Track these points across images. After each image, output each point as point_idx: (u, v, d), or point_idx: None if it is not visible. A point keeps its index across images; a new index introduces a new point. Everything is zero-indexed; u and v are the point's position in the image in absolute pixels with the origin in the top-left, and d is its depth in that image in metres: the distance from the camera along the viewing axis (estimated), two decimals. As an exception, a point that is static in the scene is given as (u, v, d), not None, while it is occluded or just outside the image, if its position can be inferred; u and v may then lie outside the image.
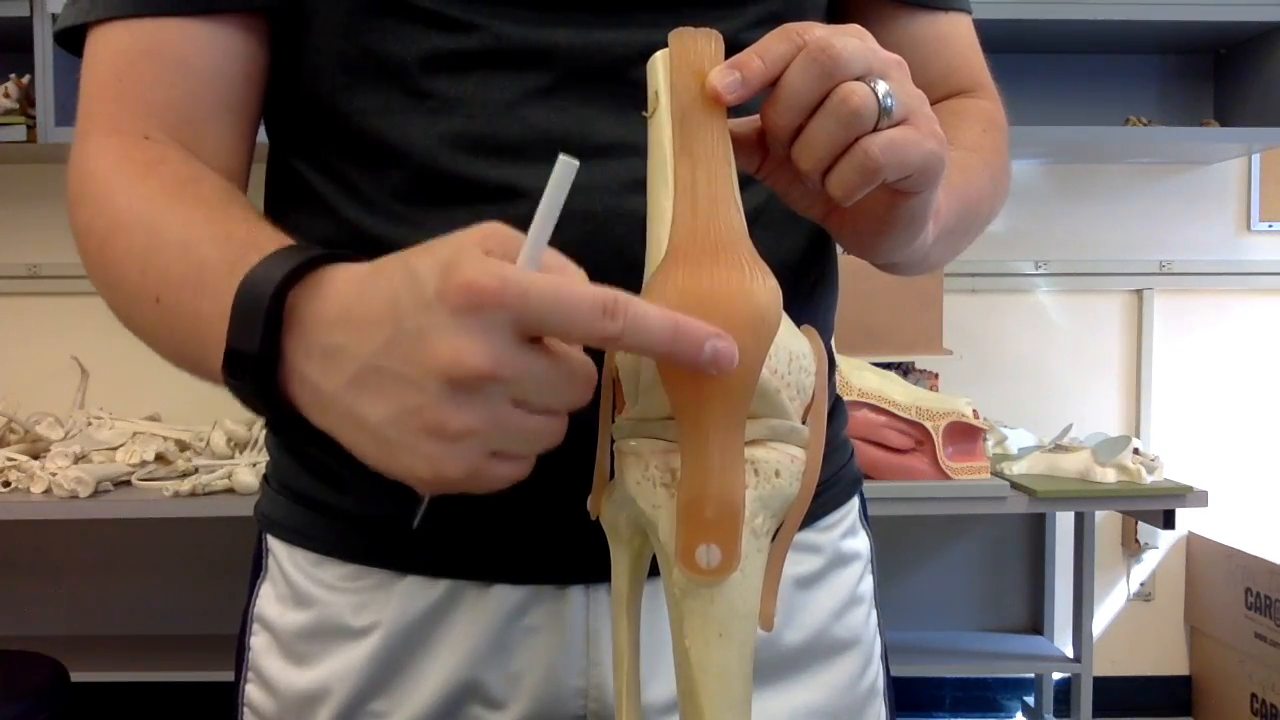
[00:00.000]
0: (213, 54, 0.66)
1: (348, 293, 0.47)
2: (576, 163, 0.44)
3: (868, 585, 0.79)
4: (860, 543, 0.79)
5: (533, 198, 0.63)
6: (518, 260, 0.45)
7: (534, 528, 0.67)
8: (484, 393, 0.43)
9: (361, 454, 0.47)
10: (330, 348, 0.47)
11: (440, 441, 0.44)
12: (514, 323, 0.43)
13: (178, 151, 0.64)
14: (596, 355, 0.56)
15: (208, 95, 0.66)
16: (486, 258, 0.43)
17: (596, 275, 0.63)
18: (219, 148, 0.67)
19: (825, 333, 0.75)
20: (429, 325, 0.43)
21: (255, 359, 0.49)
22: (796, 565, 0.73)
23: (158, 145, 0.64)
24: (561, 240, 0.63)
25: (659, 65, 0.52)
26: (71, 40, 0.69)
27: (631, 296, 0.44)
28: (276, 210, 0.73)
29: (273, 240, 0.53)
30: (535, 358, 0.44)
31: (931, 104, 0.54)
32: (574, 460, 0.55)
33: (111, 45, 0.66)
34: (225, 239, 0.55)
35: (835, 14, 0.75)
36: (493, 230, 0.45)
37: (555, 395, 0.46)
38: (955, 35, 0.79)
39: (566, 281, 0.43)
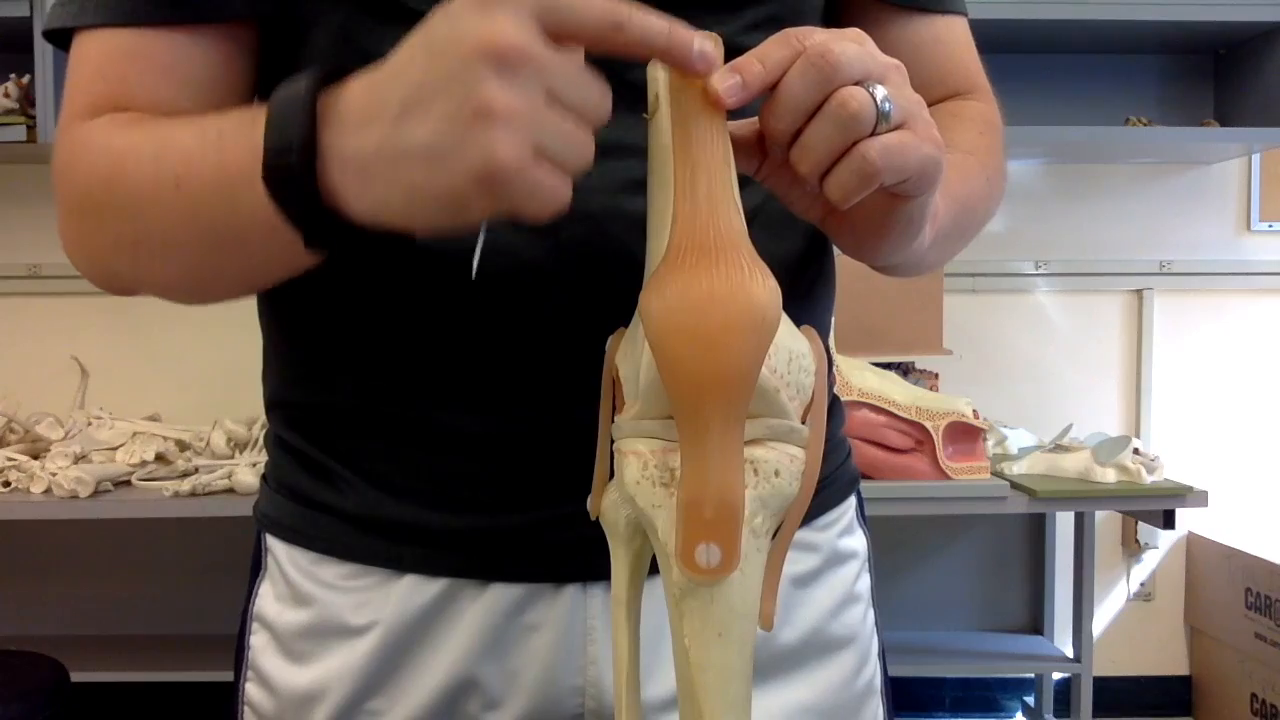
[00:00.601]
0: (196, 62, 0.66)
1: (379, 72, 0.50)
2: None
3: (865, 583, 0.79)
4: (857, 541, 0.79)
5: None
6: None
7: (532, 526, 0.67)
8: (522, 75, 0.45)
9: (413, 200, 0.49)
10: (366, 112, 0.49)
11: (489, 125, 0.45)
12: (538, 13, 0.45)
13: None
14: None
15: (189, 100, 0.66)
16: None
17: (596, 275, 0.63)
18: None
19: (823, 331, 0.75)
20: (459, 24, 0.46)
21: (296, 151, 0.50)
22: (794, 563, 0.73)
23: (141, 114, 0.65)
24: (560, 240, 0.64)
25: (659, 68, 0.52)
26: (60, 38, 0.69)
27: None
28: None
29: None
30: (559, 52, 0.46)
31: (928, 106, 0.54)
32: (572, 459, 0.55)
33: (97, 49, 0.66)
34: (238, 114, 0.56)
35: (831, 17, 0.75)
36: None
37: (583, 96, 0.47)
38: (951, 37, 0.79)
39: None
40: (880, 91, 0.50)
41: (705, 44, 0.49)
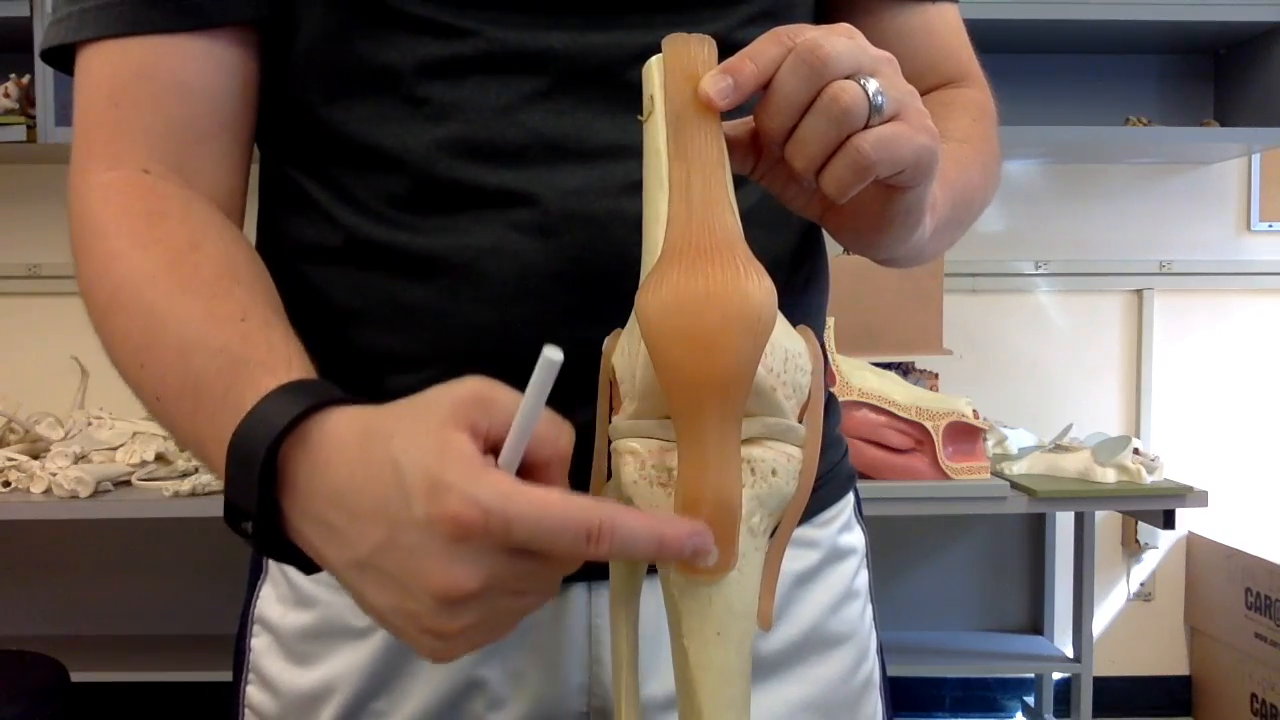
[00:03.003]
0: (208, 72, 0.65)
1: (339, 470, 0.49)
2: (559, 358, 0.44)
3: (863, 580, 0.79)
4: (856, 538, 0.79)
5: (530, 202, 0.64)
6: (500, 457, 0.46)
7: None
8: (478, 602, 0.46)
9: (367, 614, 0.51)
10: (328, 524, 0.49)
11: (438, 639, 0.47)
12: (501, 544, 0.45)
13: (177, 197, 0.64)
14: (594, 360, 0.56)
15: (205, 115, 0.66)
16: (470, 479, 0.44)
17: (597, 276, 0.64)
18: (217, 168, 0.67)
19: (818, 328, 0.76)
20: (420, 547, 0.45)
21: (255, 519, 0.50)
22: (794, 561, 0.73)
23: (157, 185, 0.64)
24: (561, 244, 0.64)
25: (653, 70, 0.52)
26: (58, 57, 0.68)
27: (615, 511, 0.45)
28: (271, 217, 0.73)
29: (263, 363, 0.54)
30: (525, 562, 0.46)
31: (921, 94, 0.54)
32: (577, 459, 0.55)
33: (105, 67, 0.65)
34: (220, 353, 0.55)
35: (823, 9, 0.76)
36: (477, 399, 0.47)
37: (547, 581, 0.48)
38: (942, 25, 0.79)
39: (551, 506, 0.44)
40: (872, 84, 0.50)
41: (700, 539, 0.46)
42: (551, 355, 0.44)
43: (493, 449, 0.46)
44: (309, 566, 0.52)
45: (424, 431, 0.46)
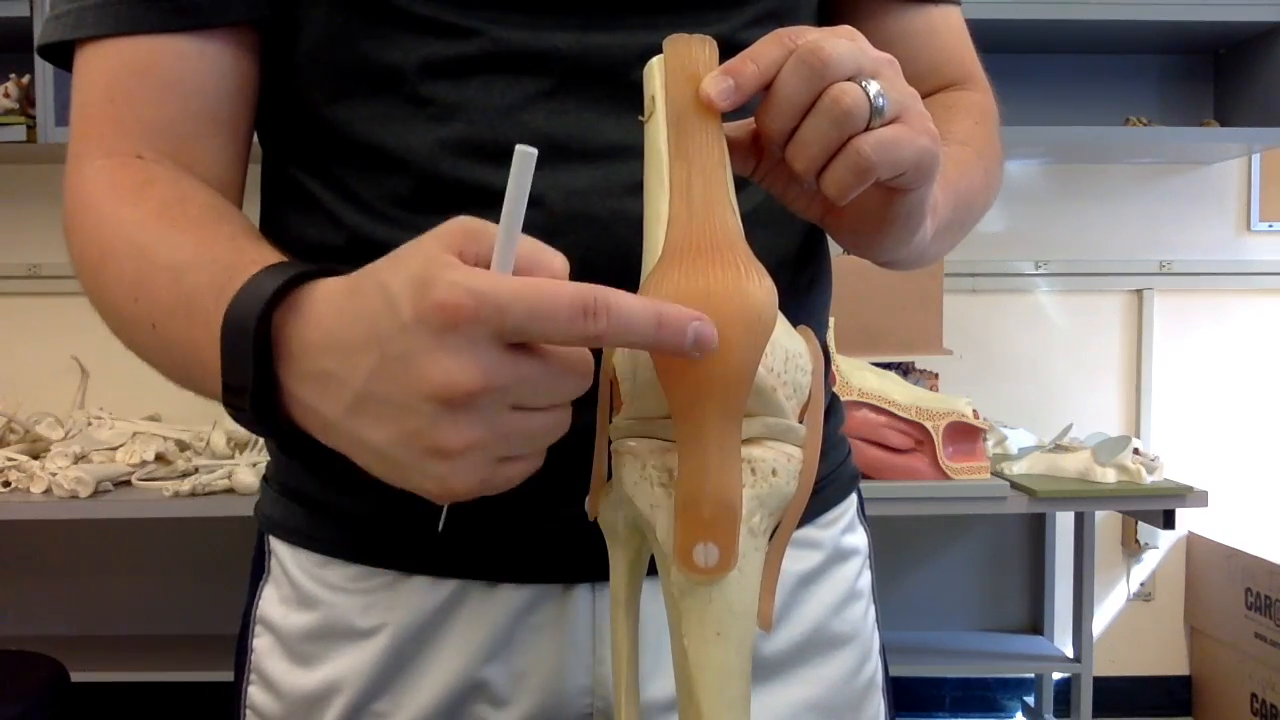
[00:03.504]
0: (205, 71, 0.66)
1: (329, 316, 0.48)
2: (534, 151, 0.43)
3: (866, 580, 0.79)
4: (859, 538, 0.79)
5: (534, 202, 0.64)
6: (491, 262, 0.44)
7: (540, 527, 0.67)
8: (480, 406, 0.44)
9: (372, 471, 0.48)
10: (322, 373, 0.48)
11: (445, 460, 0.44)
12: (495, 334, 0.43)
13: (168, 170, 0.64)
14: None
15: (201, 113, 0.66)
16: (457, 270, 0.43)
17: (601, 277, 0.63)
18: (214, 163, 0.67)
19: (820, 329, 0.76)
20: (412, 349, 0.43)
21: (251, 392, 0.49)
22: (797, 561, 0.73)
23: (148, 165, 0.64)
24: (565, 244, 0.63)
25: (655, 71, 0.52)
26: (56, 54, 0.68)
27: (610, 291, 0.43)
28: (273, 216, 0.73)
29: (255, 260, 0.53)
30: (525, 361, 0.44)
31: (923, 96, 0.54)
32: (581, 459, 0.55)
33: (102, 64, 0.65)
34: (211, 263, 0.55)
35: (826, 10, 0.76)
36: (463, 228, 0.45)
37: (552, 392, 0.46)
38: (945, 27, 0.79)
39: (542, 285, 0.43)
40: (873, 86, 0.50)
41: (702, 327, 0.44)
42: (525, 150, 0.43)
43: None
44: (303, 445, 0.51)
45: (409, 255, 0.45)
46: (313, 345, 0.48)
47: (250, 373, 0.49)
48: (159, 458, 2.25)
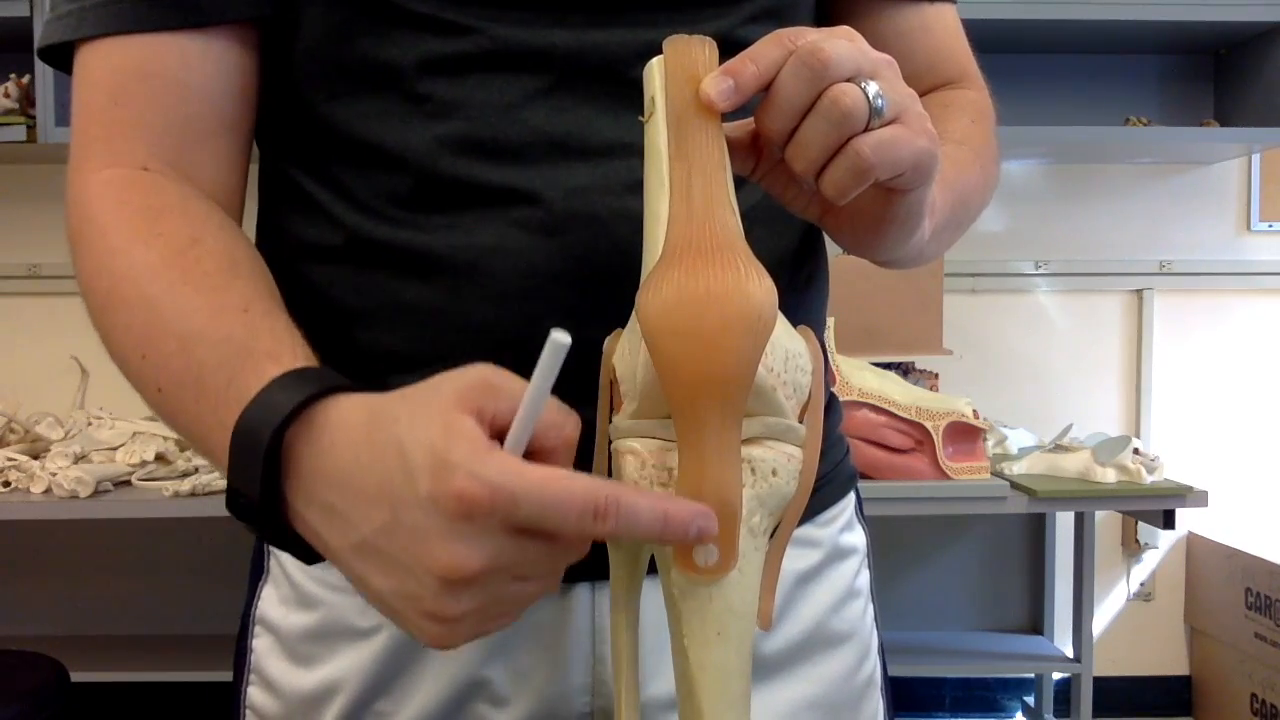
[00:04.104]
0: (208, 71, 0.65)
1: (344, 452, 0.48)
2: (567, 340, 0.44)
3: (864, 579, 0.79)
4: (857, 537, 0.80)
5: (534, 201, 0.64)
6: (506, 440, 0.46)
7: None
8: (481, 585, 0.45)
9: (368, 601, 0.50)
10: (331, 506, 0.49)
11: (440, 624, 0.46)
12: (506, 523, 0.44)
13: (175, 193, 0.63)
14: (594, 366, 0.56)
15: (205, 115, 0.66)
16: (475, 458, 0.44)
17: (602, 276, 0.63)
18: (217, 166, 0.67)
19: (818, 328, 0.76)
20: (425, 526, 0.45)
21: (257, 505, 0.50)
22: (796, 560, 0.73)
23: (155, 181, 0.64)
24: (565, 242, 0.64)
25: (654, 71, 0.52)
26: (56, 56, 0.68)
27: (620, 491, 0.44)
28: (272, 216, 0.72)
29: (268, 353, 0.54)
30: (531, 545, 0.45)
31: (919, 95, 0.54)
32: (581, 459, 0.55)
33: (104, 65, 0.65)
34: (223, 342, 0.55)
35: (822, 8, 0.76)
36: (485, 384, 0.46)
37: (551, 566, 0.47)
38: (940, 26, 0.80)
39: (556, 483, 0.44)
40: (872, 87, 0.50)
41: (704, 522, 0.46)
42: (559, 338, 0.44)
43: (498, 434, 0.46)
44: (310, 556, 0.52)
45: (430, 414, 0.46)
46: (323, 476, 0.49)
47: (258, 487, 0.50)
48: (159, 458, 2.25)
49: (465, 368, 0.48)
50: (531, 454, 0.47)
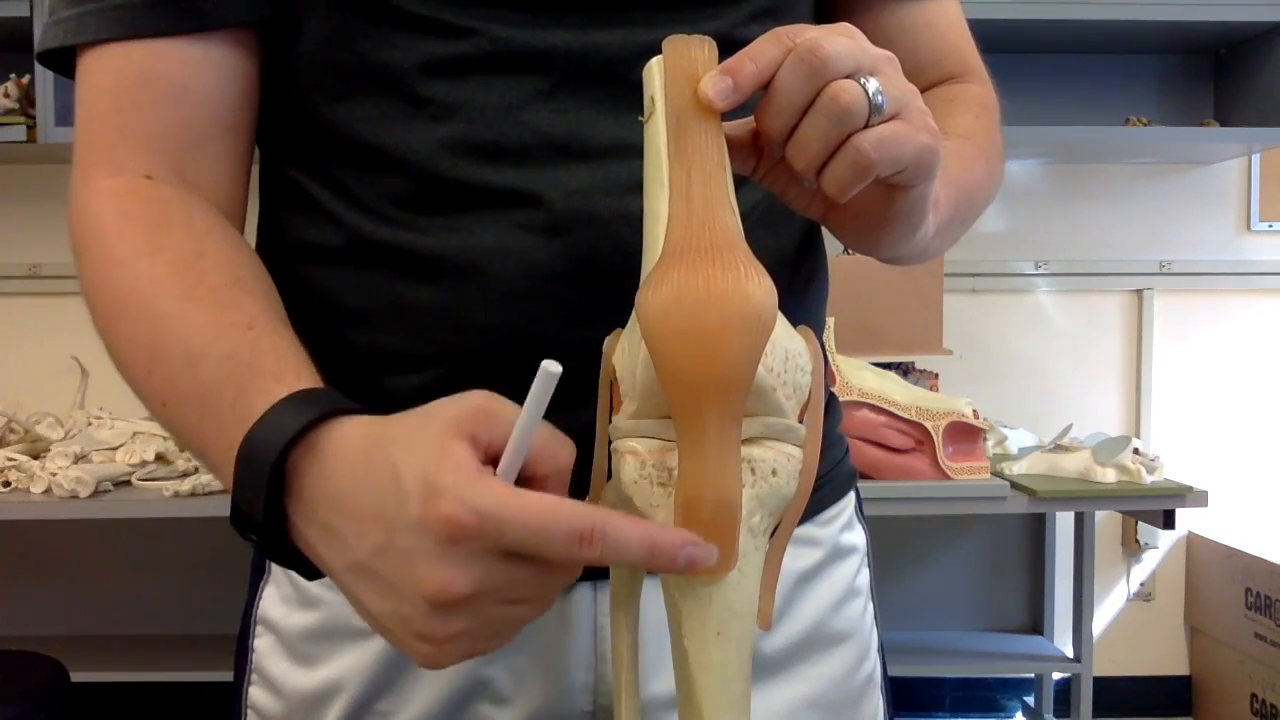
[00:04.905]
0: (210, 76, 0.65)
1: (344, 474, 0.49)
2: (558, 370, 0.45)
3: (864, 578, 0.79)
4: (857, 536, 0.80)
5: (535, 202, 0.64)
6: (498, 467, 0.46)
7: None
8: (469, 606, 0.46)
9: (363, 620, 0.51)
10: (329, 527, 0.49)
11: (431, 644, 0.47)
12: (494, 548, 0.45)
13: (179, 201, 0.64)
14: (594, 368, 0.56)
15: (206, 119, 0.66)
16: (464, 484, 0.45)
17: (604, 276, 0.63)
18: (219, 170, 0.67)
19: (818, 327, 0.76)
20: (415, 549, 0.45)
21: (261, 525, 0.51)
22: (796, 559, 0.73)
23: (159, 189, 0.64)
24: (567, 243, 0.64)
25: (654, 71, 0.52)
26: (55, 60, 0.68)
27: (608, 517, 0.45)
28: (273, 218, 0.72)
29: (272, 373, 0.54)
30: (520, 568, 0.46)
31: (922, 90, 0.54)
32: (583, 459, 0.55)
33: (106, 70, 0.65)
34: (228, 359, 0.56)
35: (823, 5, 0.76)
36: (480, 411, 0.47)
37: (541, 589, 0.48)
38: (942, 20, 0.79)
39: (543, 510, 0.44)
40: (872, 84, 0.50)
41: (694, 550, 0.46)
42: (550, 368, 0.45)
43: (493, 460, 0.47)
44: (311, 572, 0.53)
45: (424, 439, 0.47)
46: (324, 497, 0.50)
47: (261, 508, 0.50)
48: (159, 458, 2.25)
49: (463, 394, 0.48)
50: (525, 480, 0.48)
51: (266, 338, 0.57)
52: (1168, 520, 2.21)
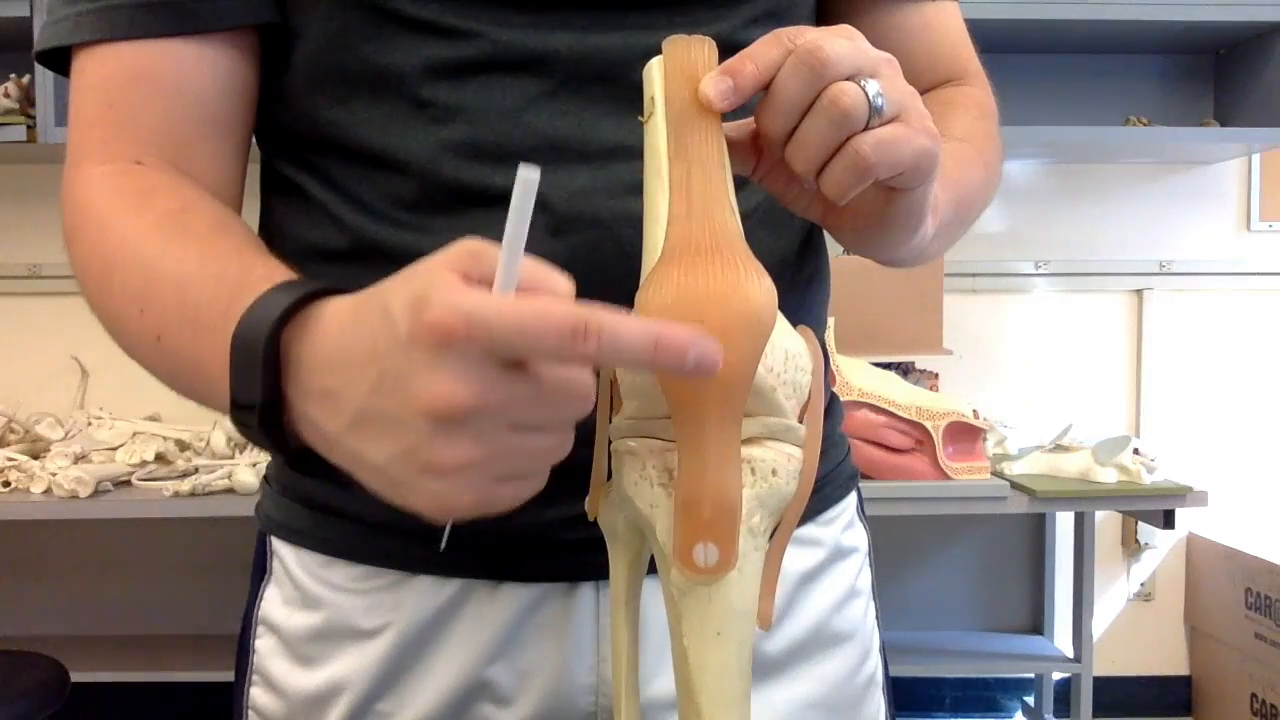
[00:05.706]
0: (204, 75, 0.65)
1: (335, 334, 0.48)
2: (536, 174, 0.43)
3: (866, 578, 0.80)
4: (858, 536, 0.80)
5: (538, 203, 0.64)
6: (494, 283, 0.44)
7: (545, 527, 0.67)
8: (474, 425, 0.43)
9: (373, 489, 0.48)
10: (326, 390, 0.48)
11: (440, 478, 0.44)
12: (487, 352, 0.43)
13: (169, 178, 0.64)
14: None
15: (200, 117, 0.66)
16: (453, 291, 0.43)
17: (604, 280, 0.63)
18: (212, 168, 0.67)
19: (818, 327, 0.76)
20: (407, 367, 0.43)
21: (259, 408, 0.50)
22: (798, 559, 0.73)
23: (149, 172, 0.64)
24: (569, 244, 0.64)
25: (654, 71, 0.52)
26: (53, 59, 0.68)
27: (607, 312, 0.43)
28: (273, 219, 0.72)
29: (264, 276, 0.53)
30: (519, 382, 0.44)
31: (921, 93, 0.54)
32: (586, 460, 0.55)
33: (100, 70, 0.65)
34: (217, 277, 0.55)
35: (823, 7, 0.76)
36: (468, 249, 0.45)
37: (550, 413, 0.45)
38: (941, 23, 0.79)
39: (534, 306, 0.42)
40: (872, 86, 0.50)
41: (703, 347, 0.43)
42: (528, 174, 0.43)
43: None
44: (310, 467, 0.51)
45: (413, 276, 0.45)
46: (319, 362, 0.48)
47: (259, 389, 0.49)
48: (159, 458, 2.25)
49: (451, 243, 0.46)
50: None
51: (255, 257, 0.57)
52: (1168, 520, 2.21)
